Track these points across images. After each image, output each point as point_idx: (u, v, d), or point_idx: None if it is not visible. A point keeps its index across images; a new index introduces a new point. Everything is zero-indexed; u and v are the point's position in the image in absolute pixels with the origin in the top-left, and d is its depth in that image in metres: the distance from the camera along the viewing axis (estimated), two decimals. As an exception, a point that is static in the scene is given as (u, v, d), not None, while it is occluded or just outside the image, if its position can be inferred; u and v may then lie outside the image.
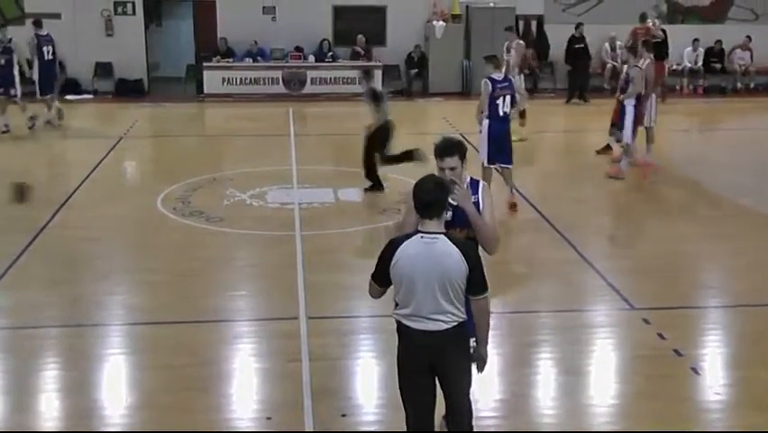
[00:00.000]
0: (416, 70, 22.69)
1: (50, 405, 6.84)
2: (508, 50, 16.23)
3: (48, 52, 17.71)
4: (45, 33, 17.86)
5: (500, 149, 11.70)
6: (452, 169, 5.47)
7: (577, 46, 21.56)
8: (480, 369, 5.34)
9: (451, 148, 5.54)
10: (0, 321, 8.35)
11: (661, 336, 7.83)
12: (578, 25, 21.74)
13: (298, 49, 22.50)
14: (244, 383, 7.13)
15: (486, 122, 11.69)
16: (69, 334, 8.06)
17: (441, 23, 22.17)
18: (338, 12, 22.88)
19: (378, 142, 12.46)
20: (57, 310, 8.60)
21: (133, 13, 22.50)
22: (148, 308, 8.65)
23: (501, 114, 11.61)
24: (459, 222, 5.52)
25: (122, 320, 8.39)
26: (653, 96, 14.45)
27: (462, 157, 5.56)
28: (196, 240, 10.77)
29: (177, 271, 9.63)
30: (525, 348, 7.69)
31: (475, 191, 5.64)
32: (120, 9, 22.36)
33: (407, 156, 12.36)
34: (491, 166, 11.73)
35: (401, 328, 5.11)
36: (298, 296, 8.71)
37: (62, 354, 7.71)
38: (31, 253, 10.10)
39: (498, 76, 11.75)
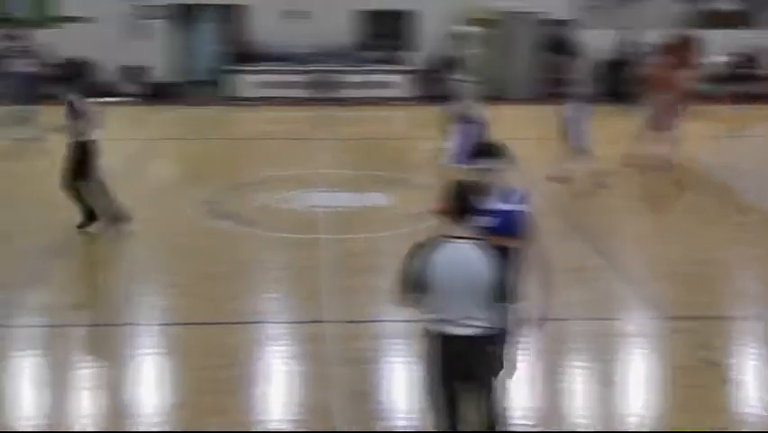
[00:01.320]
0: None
1: (85, 403, 6.89)
2: None
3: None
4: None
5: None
6: (488, 171, 5.46)
7: (623, 52, 21.43)
8: (510, 376, 5.32)
9: (489, 150, 5.53)
10: (35, 319, 8.44)
11: (694, 345, 7.76)
12: (623, 31, 21.64)
13: (329, 53, 22.56)
14: (275, 386, 7.14)
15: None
16: (102, 333, 8.14)
17: (473, 27, 22.10)
18: (370, 16, 22.93)
19: (73, 164, 10.61)
20: (90, 310, 8.68)
21: (165, 16, 22.65)
22: (179, 310, 8.70)
23: None
24: (502, 229, 5.50)
25: (153, 321, 8.45)
26: (666, 101, 14.36)
27: (503, 161, 5.55)
28: (226, 242, 10.82)
29: (207, 273, 9.67)
30: (555, 356, 7.63)
31: (518, 201, 5.62)
32: (152, 13, 22.51)
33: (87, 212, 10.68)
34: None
35: (430, 333, 5.09)
36: (329, 299, 8.72)
37: (96, 352, 7.78)
38: (63, 254, 10.18)
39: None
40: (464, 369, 5.05)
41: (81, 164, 10.54)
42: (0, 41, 20.49)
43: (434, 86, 22.63)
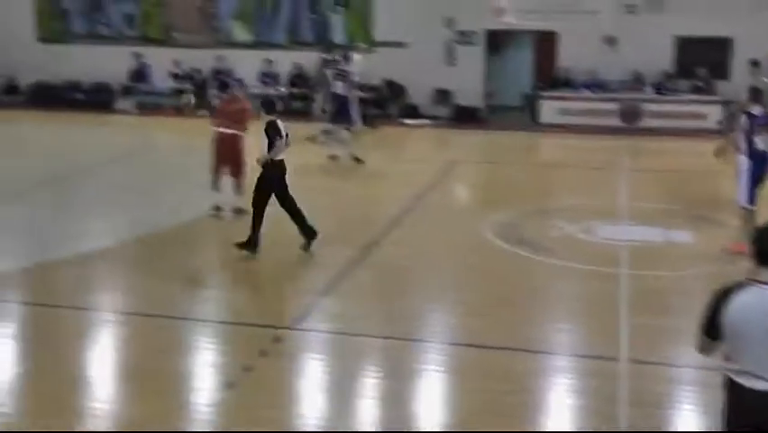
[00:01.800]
0: (762, 108, 21.30)
1: (365, 412, 7.11)
2: None
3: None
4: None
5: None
6: None
7: None
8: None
9: None
10: (330, 325, 8.90)
11: None
12: None
13: (637, 80, 21.97)
14: (557, 418, 7.00)
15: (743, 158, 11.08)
16: (389, 345, 8.36)
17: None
18: (680, 43, 22.04)
19: (264, 184, 10.67)
20: (380, 321, 8.96)
21: (476, 43, 23.11)
22: (466, 330, 8.76)
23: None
24: None
25: (440, 339, 8.57)
26: None
27: None
28: (520, 268, 10.78)
29: (498, 296, 9.69)
30: None
31: None
32: (463, 39, 23.08)
33: (305, 228, 10.85)
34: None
35: (730, 385, 4.69)
36: (622, 336, 8.41)
37: (381, 363, 8.00)
38: (362, 265, 10.64)
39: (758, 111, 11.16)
40: (762, 427, 4.64)
41: (266, 183, 10.68)
42: (320, 65, 21.92)
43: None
